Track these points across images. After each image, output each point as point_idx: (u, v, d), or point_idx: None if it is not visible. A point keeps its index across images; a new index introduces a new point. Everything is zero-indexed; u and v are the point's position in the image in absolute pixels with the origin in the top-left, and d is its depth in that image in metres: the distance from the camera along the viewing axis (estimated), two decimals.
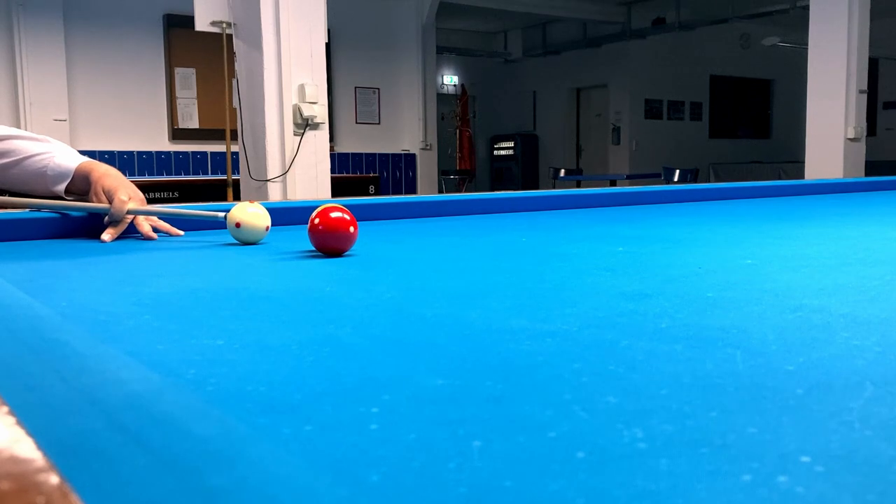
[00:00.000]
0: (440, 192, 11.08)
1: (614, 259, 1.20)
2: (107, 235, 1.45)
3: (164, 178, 7.04)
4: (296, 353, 0.60)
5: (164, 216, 1.56)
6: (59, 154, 1.62)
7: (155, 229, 1.53)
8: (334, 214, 1.21)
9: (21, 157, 1.62)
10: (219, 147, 9.21)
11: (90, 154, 1.68)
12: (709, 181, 11.53)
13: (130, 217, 1.49)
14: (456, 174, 12.40)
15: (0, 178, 1.65)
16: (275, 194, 4.53)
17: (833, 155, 6.56)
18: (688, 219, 1.95)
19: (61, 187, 1.59)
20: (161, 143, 9.14)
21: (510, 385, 0.51)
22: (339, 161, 10.01)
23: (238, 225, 1.38)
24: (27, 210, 1.53)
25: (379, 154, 10.55)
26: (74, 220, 1.55)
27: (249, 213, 1.40)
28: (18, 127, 8.45)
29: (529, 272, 1.10)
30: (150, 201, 1.63)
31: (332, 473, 0.36)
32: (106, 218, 1.49)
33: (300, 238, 1.30)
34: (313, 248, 1.25)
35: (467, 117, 13.38)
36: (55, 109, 8.28)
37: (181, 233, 1.55)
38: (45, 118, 8.15)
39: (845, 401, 0.46)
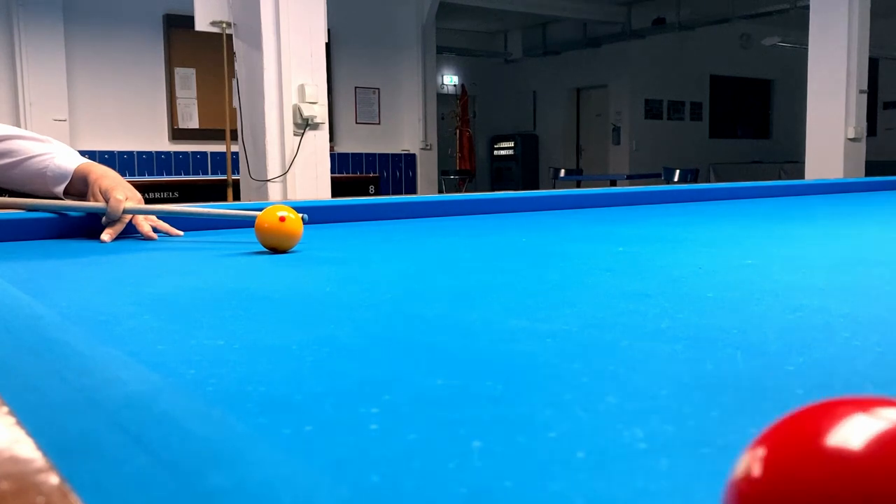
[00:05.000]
0: (440, 192, 11.08)
1: (614, 259, 1.20)
2: (106, 235, 1.45)
3: (164, 178, 7.04)
4: (296, 353, 0.60)
5: (162, 215, 1.56)
6: (58, 155, 1.62)
7: (155, 229, 1.53)
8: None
9: (22, 157, 1.62)
10: (219, 147, 9.21)
11: (90, 154, 1.68)
12: (709, 181, 11.52)
13: (128, 217, 1.49)
14: (456, 174, 12.39)
15: (1, 177, 1.65)
16: (275, 194, 4.52)
17: (833, 155, 6.55)
18: (688, 219, 1.95)
19: (60, 188, 1.60)
20: (161, 143, 9.13)
21: (510, 385, 0.51)
22: (339, 161, 10.00)
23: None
24: (26, 210, 1.53)
25: (379, 154, 10.55)
26: (73, 220, 1.55)
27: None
28: (19, 126, 8.44)
29: (529, 272, 1.10)
30: (149, 201, 1.63)
31: (332, 473, 0.36)
32: (104, 218, 1.49)
33: (302, 238, 1.30)
34: (315, 248, 1.26)
35: (467, 117, 13.37)
36: (55, 109, 8.27)
37: (180, 233, 1.55)
38: (45, 118, 8.15)
39: None
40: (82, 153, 1.69)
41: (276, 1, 4.42)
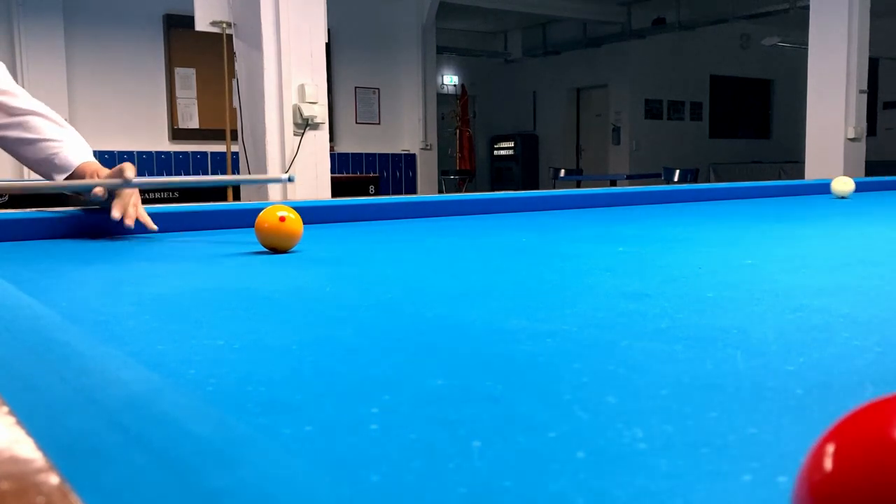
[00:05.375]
0: (440, 192, 11.07)
1: (614, 259, 1.20)
2: (116, 212, 1.47)
3: (164, 178, 7.04)
4: (296, 353, 0.60)
5: (172, 186, 1.61)
6: (69, 146, 1.66)
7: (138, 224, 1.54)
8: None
9: (37, 137, 1.66)
10: (219, 147, 9.21)
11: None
12: (709, 181, 11.52)
13: (131, 192, 1.51)
14: (456, 174, 12.39)
15: (13, 150, 1.69)
16: (275, 194, 4.52)
17: (833, 155, 6.55)
18: (688, 219, 1.95)
19: (62, 177, 1.62)
20: (161, 143, 9.13)
21: (510, 385, 0.51)
22: (339, 161, 10.00)
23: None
24: (20, 192, 1.56)
25: (379, 154, 10.54)
26: (74, 220, 1.55)
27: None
28: None
29: (529, 272, 1.10)
30: (149, 201, 1.64)
31: (332, 473, 0.36)
32: (91, 195, 1.50)
33: (302, 238, 1.30)
34: (315, 249, 1.25)
35: (467, 117, 13.36)
36: (55, 109, 8.24)
37: (155, 227, 1.56)
38: None
39: (845, 401, 0.46)
40: None
41: (276, 1, 4.42)
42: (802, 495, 0.23)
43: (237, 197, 5.03)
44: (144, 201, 1.58)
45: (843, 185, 2.62)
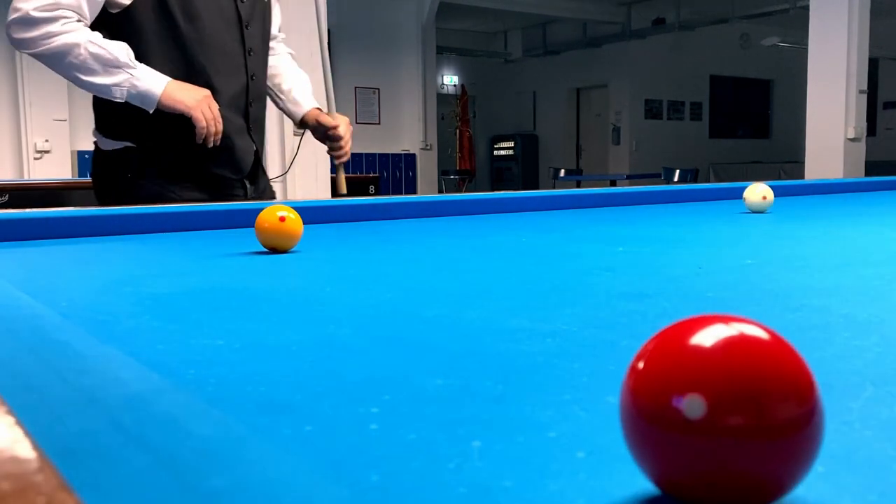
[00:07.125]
0: (440, 192, 11.07)
1: (614, 259, 1.20)
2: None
3: None
4: (296, 353, 0.60)
5: None
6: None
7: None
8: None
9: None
10: None
11: (90, 154, 1.69)
12: (709, 181, 11.52)
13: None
14: (456, 174, 12.39)
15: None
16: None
17: (833, 155, 6.56)
18: (688, 219, 1.95)
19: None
20: None
21: (510, 385, 0.51)
22: None
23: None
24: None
25: (379, 154, 10.55)
26: (74, 220, 1.55)
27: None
28: (19, 126, 8.39)
29: (529, 272, 1.10)
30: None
31: (332, 473, 0.36)
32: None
33: (302, 238, 1.30)
34: (315, 248, 1.25)
35: (467, 117, 13.37)
36: (55, 109, 8.26)
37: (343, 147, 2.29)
38: (45, 118, 8.14)
39: (845, 401, 0.46)
40: (82, 153, 1.70)
41: (276, 1, 4.42)
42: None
43: None
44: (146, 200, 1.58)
45: (759, 195, 2.01)
